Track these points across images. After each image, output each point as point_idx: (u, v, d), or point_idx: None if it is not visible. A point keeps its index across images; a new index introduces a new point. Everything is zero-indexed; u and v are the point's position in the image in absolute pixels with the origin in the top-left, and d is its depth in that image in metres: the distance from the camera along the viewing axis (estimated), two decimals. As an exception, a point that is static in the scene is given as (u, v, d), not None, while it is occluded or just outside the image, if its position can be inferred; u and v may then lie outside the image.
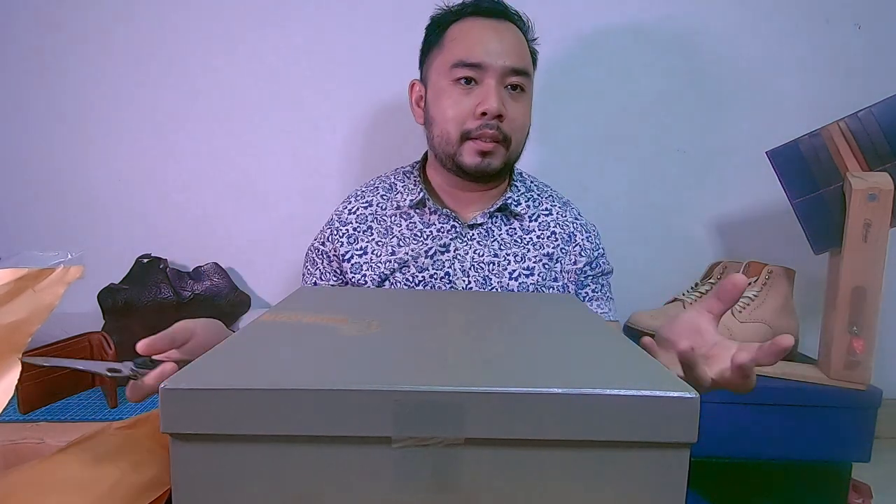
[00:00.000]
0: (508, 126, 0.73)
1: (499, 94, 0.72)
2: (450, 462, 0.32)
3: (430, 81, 0.77)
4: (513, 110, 0.73)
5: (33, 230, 1.19)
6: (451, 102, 0.73)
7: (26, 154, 1.17)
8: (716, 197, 1.19)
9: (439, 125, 0.75)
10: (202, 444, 0.32)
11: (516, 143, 0.76)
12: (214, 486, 0.33)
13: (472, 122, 0.72)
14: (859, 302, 0.82)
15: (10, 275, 0.37)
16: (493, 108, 0.71)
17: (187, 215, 1.19)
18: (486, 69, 0.72)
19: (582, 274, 0.82)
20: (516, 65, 0.73)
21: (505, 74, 0.73)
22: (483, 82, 0.72)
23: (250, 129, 1.17)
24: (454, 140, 0.74)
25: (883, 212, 0.81)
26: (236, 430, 0.32)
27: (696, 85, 1.15)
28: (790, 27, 1.13)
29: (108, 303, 1.07)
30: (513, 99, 0.74)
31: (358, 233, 0.80)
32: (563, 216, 0.83)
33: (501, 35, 0.74)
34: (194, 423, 0.32)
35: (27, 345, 0.38)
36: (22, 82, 1.15)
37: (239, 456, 0.32)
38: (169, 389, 0.32)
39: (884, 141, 0.84)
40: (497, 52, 0.72)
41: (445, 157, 0.76)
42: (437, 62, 0.76)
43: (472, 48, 0.72)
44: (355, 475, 0.33)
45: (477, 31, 0.74)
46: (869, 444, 0.85)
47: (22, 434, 0.74)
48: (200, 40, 1.14)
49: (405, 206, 0.79)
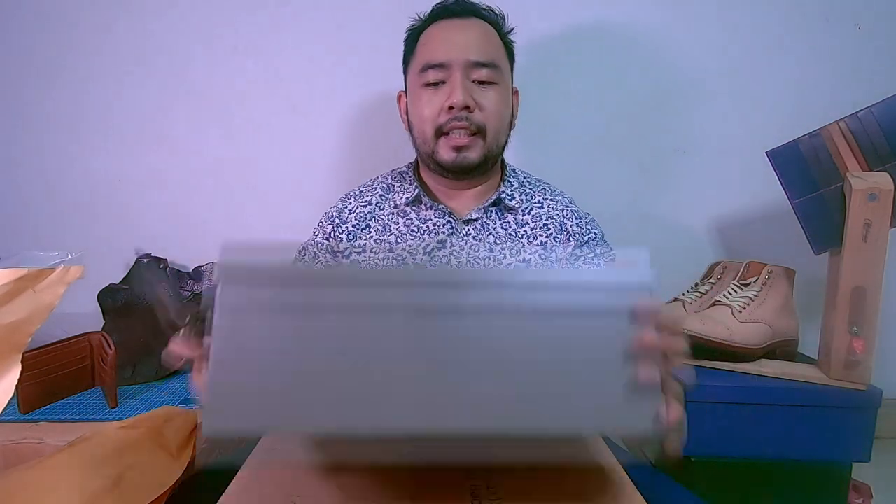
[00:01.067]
0: (480, 117, 0.75)
1: (464, 87, 0.74)
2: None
3: (408, 89, 0.81)
4: (483, 100, 0.75)
5: (33, 230, 1.19)
6: (424, 103, 0.76)
7: (26, 154, 1.17)
8: (716, 197, 1.18)
9: (417, 127, 0.78)
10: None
11: (493, 132, 0.77)
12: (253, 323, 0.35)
13: (442, 117, 0.75)
14: (859, 302, 0.82)
15: (10, 275, 0.38)
16: (459, 101, 0.73)
17: (187, 215, 1.19)
18: (451, 66, 0.74)
19: (573, 258, 0.82)
20: (480, 58, 0.74)
21: (469, 68, 0.74)
22: (449, 79, 0.74)
23: (250, 130, 1.17)
24: (430, 138, 0.76)
25: (883, 212, 0.81)
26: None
27: (696, 85, 1.15)
28: (790, 27, 1.13)
29: (108, 303, 1.07)
30: (482, 91, 0.75)
31: (357, 230, 0.81)
32: (553, 207, 0.84)
33: (465, 32, 0.76)
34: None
35: (27, 344, 0.38)
36: (21, 82, 1.15)
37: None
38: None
39: (884, 141, 0.84)
40: (460, 48, 0.74)
41: (426, 157, 0.79)
42: (410, 69, 0.80)
43: (437, 49, 0.76)
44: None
45: (441, 33, 0.77)
46: (869, 444, 0.85)
47: (22, 434, 0.74)
48: (200, 40, 1.14)
49: (402, 204, 0.81)
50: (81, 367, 0.88)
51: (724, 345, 0.87)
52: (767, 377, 0.88)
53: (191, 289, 1.11)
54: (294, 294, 0.36)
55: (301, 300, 0.36)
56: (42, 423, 0.77)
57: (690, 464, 0.87)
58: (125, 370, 0.94)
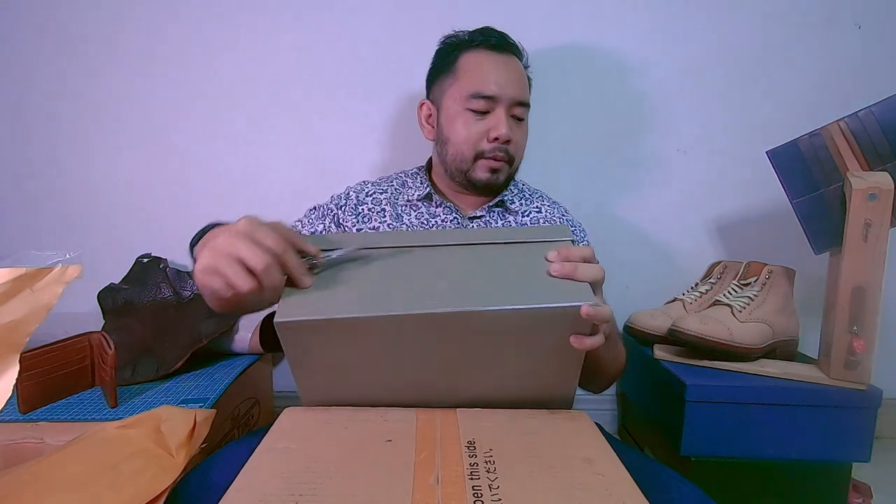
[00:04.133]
0: (513, 148, 0.85)
1: (508, 123, 0.83)
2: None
3: (443, 105, 0.87)
4: (516, 135, 0.85)
5: (33, 230, 1.19)
6: (465, 126, 0.83)
7: (26, 154, 1.18)
8: (716, 197, 1.19)
9: (454, 146, 0.85)
10: None
11: (518, 160, 0.88)
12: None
13: (485, 145, 0.83)
14: (859, 302, 0.82)
15: (8, 274, 0.38)
16: (504, 135, 0.82)
17: (187, 215, 1.19)
18: (498, 100, 0.82)
19: None
20: (521, 98, 0.84)
21: (512, 105, 0.83)
22: (494, 111, 0.83)
23: (251, 130, 1.17)
24: (468, 159, 0.84)
25: (883, 212, 0.80)
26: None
27: (696, 85, 1.15)
28: (790, 27, 1.13)
29: (108, 303, 1.07)
30: (516, 126, 0.85)
31: (372, 213, 0.87)
32: (551, 213, 0.92)
33: (510, 70, 0.84)
34: None
35: (25, 344, 0.38)
36: (22, 82, 1.15)
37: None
38: None
39: (884, 141, 0.84)
40: (508, 85, 0.83)
41: (457, 173, 0.86)
42: (451, 89, 0.85)
43: (487, 82, 0.82)
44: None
45: (490, 66, 0.84)
46: (869, 444, 0.85)
47: (22, 434, 0.74)
48: (201, 41, 1.14)
49: (414, 199, 0.88)
50: (81, 367, 0.88)
51: (724, 345, 0.87)
52: (767, 377, 0.88)
53: (191, 289, 1.11)
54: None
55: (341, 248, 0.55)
56: (42, 423, 0.77)
57: (690, 464, 0.87)
58: (125, 370, 0.94)
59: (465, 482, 0.41)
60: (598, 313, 0.48)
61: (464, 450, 0.45)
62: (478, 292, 0.49)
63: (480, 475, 0.41)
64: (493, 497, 0.39)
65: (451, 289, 0.50)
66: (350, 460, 0.44)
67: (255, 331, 1.06)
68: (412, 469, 0.42)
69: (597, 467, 0.43)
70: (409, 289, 0.50)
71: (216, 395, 0.87)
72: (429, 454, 0.44)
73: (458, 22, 0.94)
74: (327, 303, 0.49)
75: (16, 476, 0.46)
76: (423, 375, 0.53)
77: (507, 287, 0.50)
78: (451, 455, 0.44)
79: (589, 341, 0.50)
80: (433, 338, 0.50)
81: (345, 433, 0.48)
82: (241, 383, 0.97)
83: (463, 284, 0.51)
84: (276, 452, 0.45)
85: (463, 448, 0.45)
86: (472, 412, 0.53)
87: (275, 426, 0.50)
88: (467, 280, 0.51)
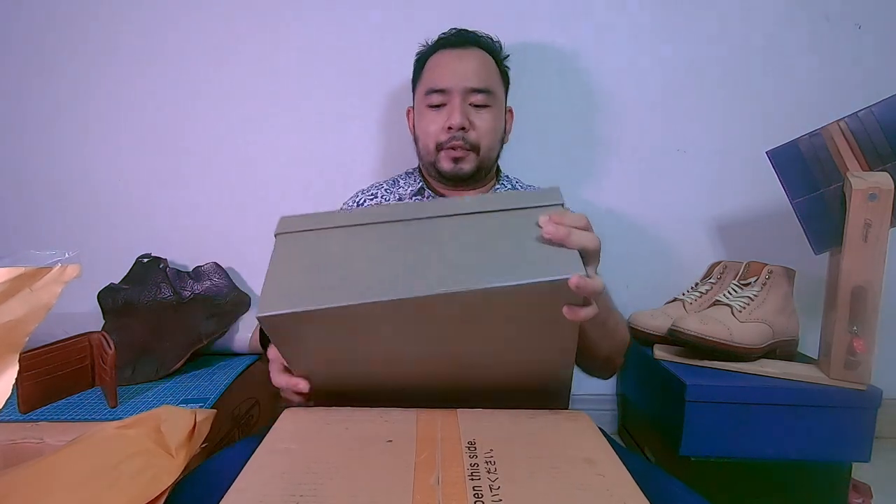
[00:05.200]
0: (474, 136, 0.86)
1: (462, 111, 0.85)
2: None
3: (416, 107, 0.94)
4: (478, 121, 0.86)
5: (33, 230, 1.19)
6: (428, 122, 0.88)
7: (26, 154, 1.17)
8: (716, 197, 1.19)
9: (422, 141, 0.90)
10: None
11: (486, 148, 0.88)
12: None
13: (443, 136, 0.86)
14: (859, 302, 0.82)
15: (7, 274, 0.38)
16: (457, 123, 0.84)
17: (187, 215, 1.19)
18: (451, 92, 0.86)
19: None
20: (476, 85, 0.86)
21: (468, 94, 0.86)
22: (450, 102, 0.86)
23: (251, 130, 1.17)
24: (432, 151, 0.88)
25: (883, 212, 0.80)
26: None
27: (696, 84, 1.15)
28: (790, 27, 1.13)
29: (108, 303, 1.07)
30: (477, 113, 0.87)
31: None
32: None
33: (465, 61, 0.87)
34: None
35: (24, 344, 0.38)
36: (22, 82, 1.15)
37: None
38: None
39: (884, 141, 0.84)
40: (459, 76, 0.86)
41: (429, 166, 0.90)
42: (417, 91, 0.92)
43: (440, 76, 0.87)
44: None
45: (445, 61, 0.89)
46: (869, 444, 0.85)
47: (22, 434, 0.74)
48: (202, 40, 1.14)
49: (406, 196, 0.91)
50: (81, 367, 0.88)
51: (724, 345, 0.87)
52: (767, 377, 0.88)
53: (191, 289, 1.11)
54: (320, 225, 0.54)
55: (323, 226, 0.54)
56: (42, 423, 0.77)
57: (690, 464, 0.87)
58: (125, 370, 0.94)
59: (466, 483, 0.41)
60: (587, 285, 0.46)
61: (464, 450, 0.45)
62: (465, 270, 0.48)
63: (481, 476, 0.41)
64: (494, 497, 0.39)
65: (438, 267, 0.48)
66: (350, 461, 0.44)
67: (256, 331, 1.06)
68: (412, 470, 0.42)
69: (598, 468, 0.43)
70: (395, 269, 0.48)
71: (216, 395, 0.87)
72: (429, 455, 0.44)
73: (458, 22, 0.95)
74: (311, 291, 0.48)
75: (16, 476, 0.46)
76: (418, 352, 0.52)
77: (496, 261, 0.48)
78: (452, 456, 0.44)
79: (583, 312, 0.49)
80: (423, 318, 0.49)
81: (345, 434, 0.48)
82: (241, 383, 0.97)
83: (450, 261, 0.49)
84: (276, 453, 0.45)
85: (463, 449, 0.45)
86: (472, 413, 0.53)
87: (275, 427, 0.50)
88: (454, 256, 0.49)
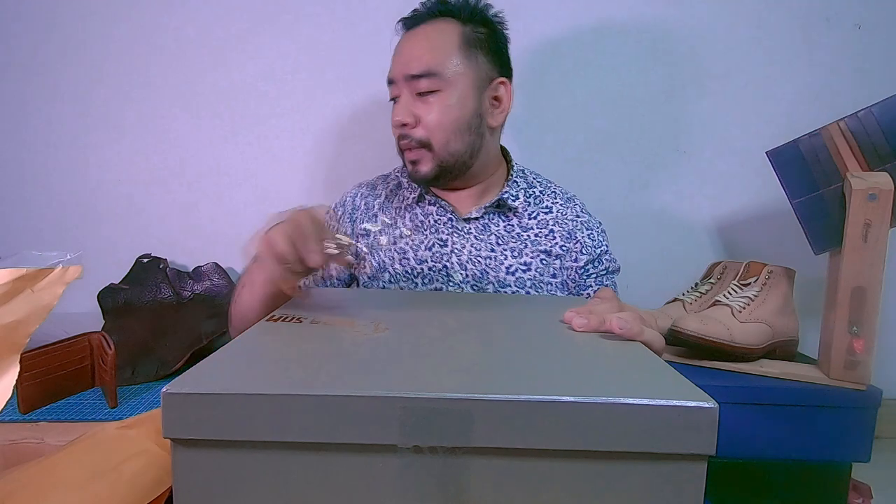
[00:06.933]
0: (421, 132, 0.73)
1: (402, 104, 0.73)
2: (456, 471, 0.32)
3: None
4: (424, 113, 0.72)
5: (33, 230, 1.19)
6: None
7: (26, 154, 1.17)
8: (716, 197, 1.18)
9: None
10: (204, 449, 0.32)
11: (441, 143, 0.73)
12: (216, 492, 0.32)
13: (396, 135, 0.76)
14: (859, 302, 0.82)
15: (9, 275, 0.38)
16: (395, 120, 0.74)
17: (187, 215, 1.19)
18: (397, 83, 0.74)
19: (584, 272, 0.83)
20: (415, 70, 0.72)
21: (410, 82, 0.72)
22: (400, 95, 0.75)
23: (251, 130, 1.17)
24: (399, 153, 0.79)
25: (883, 212, 0.80)
26: (239, 436, 0.31)
27: (697, 85, 1.15)
28: (790, 27, 1.13)
29: (108, 303, 1.07)
30: (424, 103, 0.73)
31: (365, 217, 0.85)
32: (563, 214, 0.84)
33: (409, 44, 0.74)
34: (196, 428, 0.31)
35: (25, 345, 0.38)
36: (22, 82, 1.15)
37: (241, 462, 0.32)
38: (171, 394, 0.31)
39: (884, 141, 0.84)
40: (401, 63, 0.73)
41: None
42: None
43: (392, 65, 0.75)
44: (359, 484, 0.32)
45: (397, 47, 0.76)
46: (869, 444, 0.85)
47: (22, 434, 0.74)
48: (201, 41, 1.14)
49: (410, 201, 0.84)
50: (81, 367, 0.88)
51: (724, 345, 0.87)
52: (767, 377, 0.88)
53: (191, 289, 1.11)
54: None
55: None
56: (42, 423, 0.77)
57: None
58: (125, 370, 0.94)
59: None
60: (629, 329, 0.44)
61: None
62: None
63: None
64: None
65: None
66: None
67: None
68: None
69: None
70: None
71: (216, 395, 0.87)
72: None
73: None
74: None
75: (16, 476, 0.46)
76: None
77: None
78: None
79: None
80: None
81: None
82: (241, 383, 0.97)
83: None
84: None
85: None
86: None
87: None
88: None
